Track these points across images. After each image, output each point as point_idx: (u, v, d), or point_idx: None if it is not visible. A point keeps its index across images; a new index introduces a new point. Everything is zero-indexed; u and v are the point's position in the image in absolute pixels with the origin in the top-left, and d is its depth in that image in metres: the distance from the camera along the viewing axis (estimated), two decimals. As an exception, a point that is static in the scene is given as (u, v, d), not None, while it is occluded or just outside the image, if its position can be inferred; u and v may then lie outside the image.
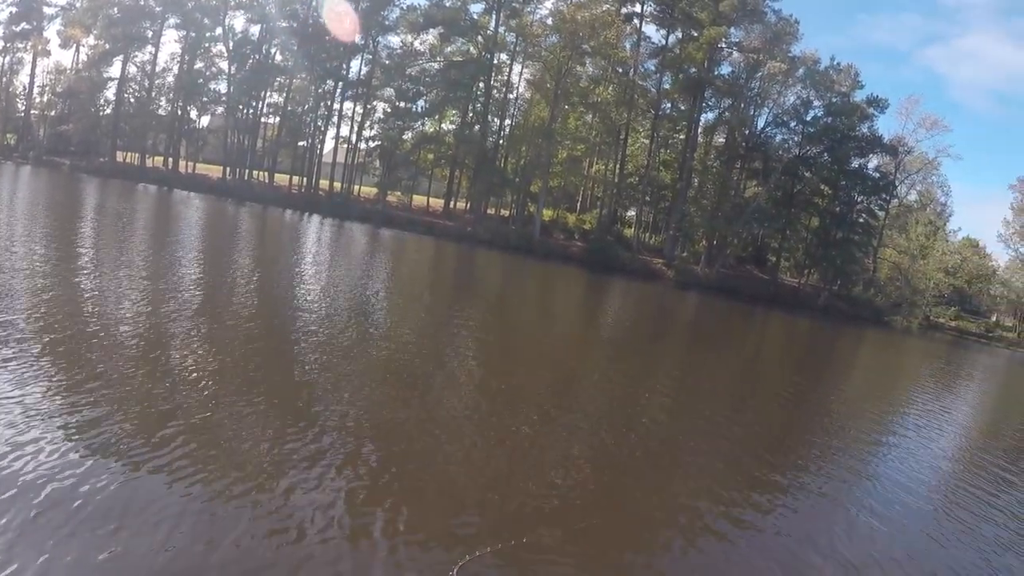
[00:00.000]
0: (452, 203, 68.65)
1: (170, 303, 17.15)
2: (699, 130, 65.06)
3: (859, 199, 63.57)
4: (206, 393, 10.77)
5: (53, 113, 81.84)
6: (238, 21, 73.59)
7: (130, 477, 7.54)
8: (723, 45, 61.76)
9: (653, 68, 65.79)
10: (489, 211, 66.18)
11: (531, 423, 12.22)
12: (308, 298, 22.01)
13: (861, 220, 62.94)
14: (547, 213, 65.48)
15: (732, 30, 61.69)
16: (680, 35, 64.36)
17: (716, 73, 63.02)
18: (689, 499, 9.97)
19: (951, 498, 12.20)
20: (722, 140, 66.14)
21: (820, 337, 42.23)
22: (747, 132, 63.91)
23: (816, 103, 62.92)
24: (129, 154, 77.02)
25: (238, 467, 8.28)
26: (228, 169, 71.84)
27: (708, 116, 65.95)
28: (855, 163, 62.74)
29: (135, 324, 14.45)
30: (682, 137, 65.22)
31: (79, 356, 11.58)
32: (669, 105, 65.27)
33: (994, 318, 70.17)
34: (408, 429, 10.81)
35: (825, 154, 62.06)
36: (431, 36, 67.75)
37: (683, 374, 20.93)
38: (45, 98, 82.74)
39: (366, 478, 8.69)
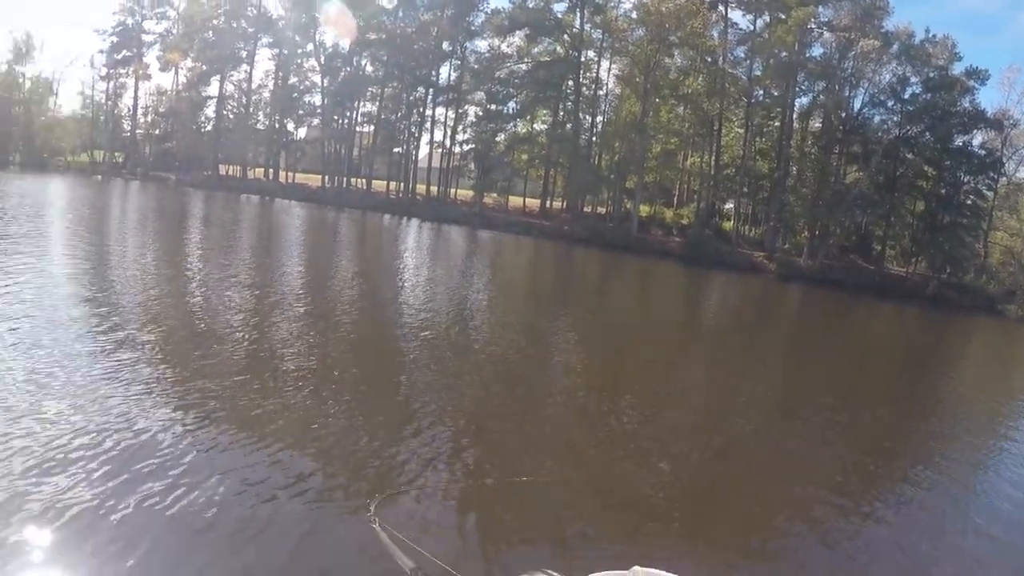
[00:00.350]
0: (548, 203, 70.01)
1: (276, 304, 18.79)
2: (794, 116, 63.84)
3: (965, 179, 61.20)
4: (310, 389, 11.51)
5: (157, 132, 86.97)
6: (328, 36, 76.68)
7: (237, 472, 8.05)
8: (813, 26, 60.34)
9: (743, 55, 65.23)
10: (585, 209, 67.07)
11: (633, 421, 12.56)
12: (410, 299, 23.35)
13: (969, 202, 60.60)
14: (644, 209, 65.89)
15: (821, 9, 60.32)
16: (768, 19, 63.40)
17: (807, 56, 61.62)
18: (789, 502, 9.91)
19: None
20: (818, 125, 64.47)
21: (930, 328, 40.99)
22: (844, 115, 62.00)
23: (913, 79, 60.63)
24: (231, 167, 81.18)
25: (338, 463, 8.85)
26: (326, 177, 75.31)
27: (802, 101, 64.60)
28: (959, 140, 60.15)
29: (243, 324, 15.98)
30: (777, 124, 64.52)
31: (190, 353, 12.73)
32: (761, 92, 64.62)
33: None
34: (511, 427, 11.20)
35: (927, 133, 59.95)
36: (517, 38, 69.36)
37: (787, 371, 20.89)
38: (149, 118, 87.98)
39: (464, 476, 9.06)
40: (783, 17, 60.63)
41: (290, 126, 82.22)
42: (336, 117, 76.85)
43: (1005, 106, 61.51)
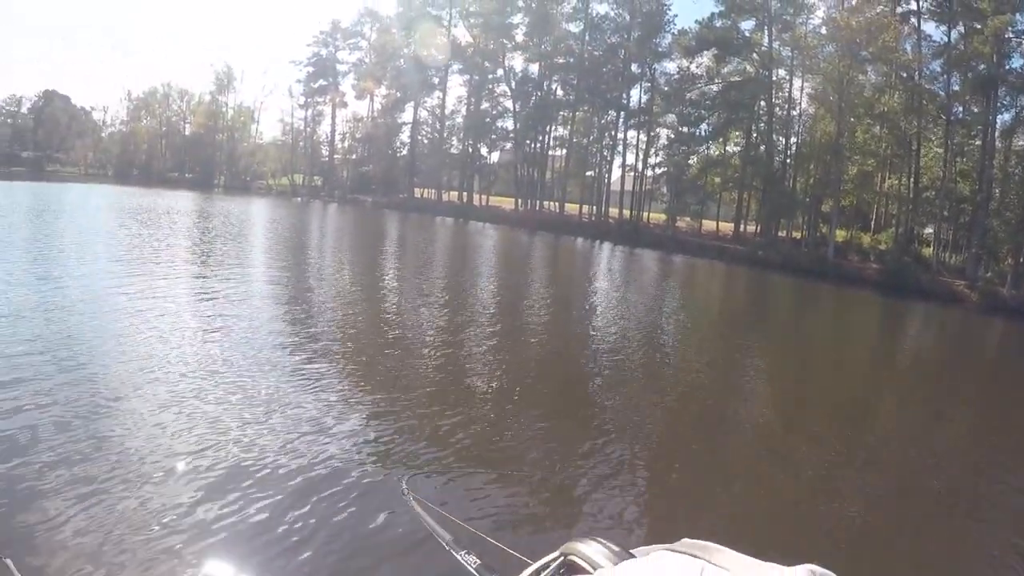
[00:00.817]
0: (742, 226, 73.02)
1: (469, 322, 20.44)
2: (996, 133, 62.97)
3: None
4: (494, 407, 12.46)
5: (354, 156, 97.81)
6: (517, 62, 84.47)
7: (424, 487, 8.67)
8: (1010, 35, 59.57)
9: (939, 69, 65.22)
10: (780, 233, 69.45)
11: (823, 459, 12.41)
12: (602, 323, 24.47)
13: None
14: (840, 234, 66.99)
15: (1018, 16, 59.31)
16: (963, 29, 63.19)
17: (1007, 67, 60.74)
18: (988, 553, 9.54)
19: None
20: (1022, 143, 63.71)
21: None
22: None
23: None
24: (426, 190, 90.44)
25: (519, 483, 9.38)
26: (519, 200, 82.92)
27: (1004, 117, 63.30)
28: None
29: (430, 340, 17.57)
30: (978, 143, 63.54)
31: (378, 366, 14.27)
32: (961, 108, 64.79)
33: None
34: (696, 460, 11.57)
35: None
36: (706, 58, 73.14)
37: (980, 414, 19.38)
38: (346, 143, 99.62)
39: (641, 509, 9.31)
40: (978, 27, 60.44)
41: (483, 150, 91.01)
42: (528, 141, 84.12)
43: None
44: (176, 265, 25.68)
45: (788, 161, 71.76)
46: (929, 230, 68.54)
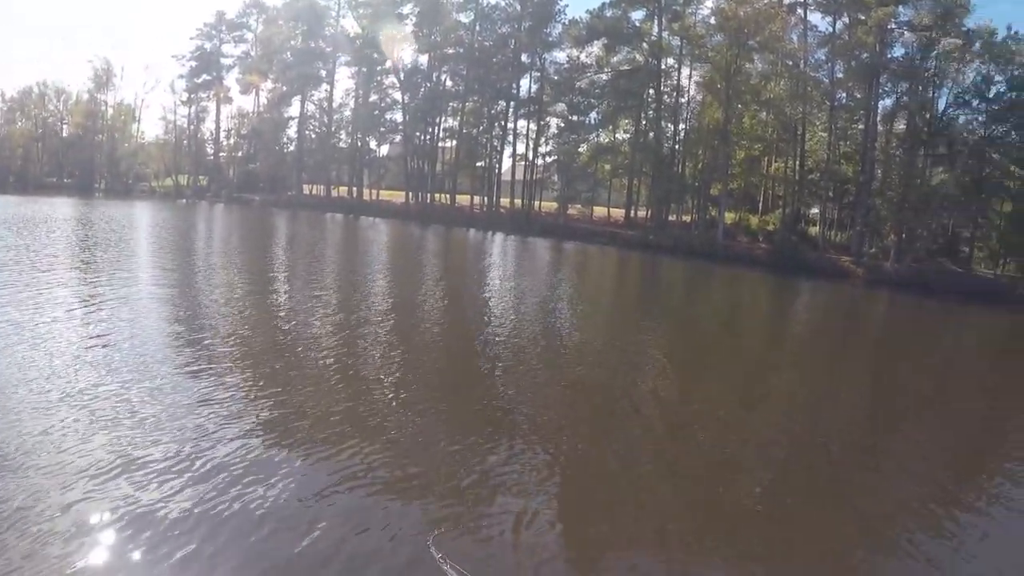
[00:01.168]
0: (632, 212, 72.97)
1: (361, 319, 20.07)
2: (878, 118, 64.87)
3: None
4: (389, 399, 12.51)
5: (240, 154, 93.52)
6: (407, 53, 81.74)
7: (311, 474, 9.19)
8: (893, 26, 61.38)
9: (823, 58, 66.50)
10: (670, 218, 69.86)
11: (720, 431, 13.03)
12: (496, 312, 24.54)
13: None
14: (729, 216, 67.48)
15: (901, 9, 61.22)
16: (847, 20, 64.66)
17: (889, 56, 62.62)
18: (883, 518, 10.03)
19: None
20: (903, 127, 65.42)
21: (1021, 334, 40.21)
22: (928, 116, 62.60)
23: (998, 78, 60.87)
24: (315, 186, 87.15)
25: (413, 469, 9.74)
26: (410, 194, 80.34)
27: (886, 103, 65.56)
28: None
29: (328, 337, 17.34)
30: (861, 127, 65.13)
31: (275, 363, 14.32)
32: (844, 95, 66.22)
33: None
34: (590, 436, 11.94)
35: (1013, 132, 60.49)
36: (596, 48, 72.55)
37: (875, 378, 21.18)
38: (232, 141, 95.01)
39: (537, 484, 9.74)
40: (863, 18, 61.95)
41: (372, 144, 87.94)
42: (418, 133, 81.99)
43: None
44: (56, 273, 24.36)
45: (677, 147, 72.08)
46: (815, 210, 70.30)
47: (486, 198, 78.16)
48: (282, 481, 9.01)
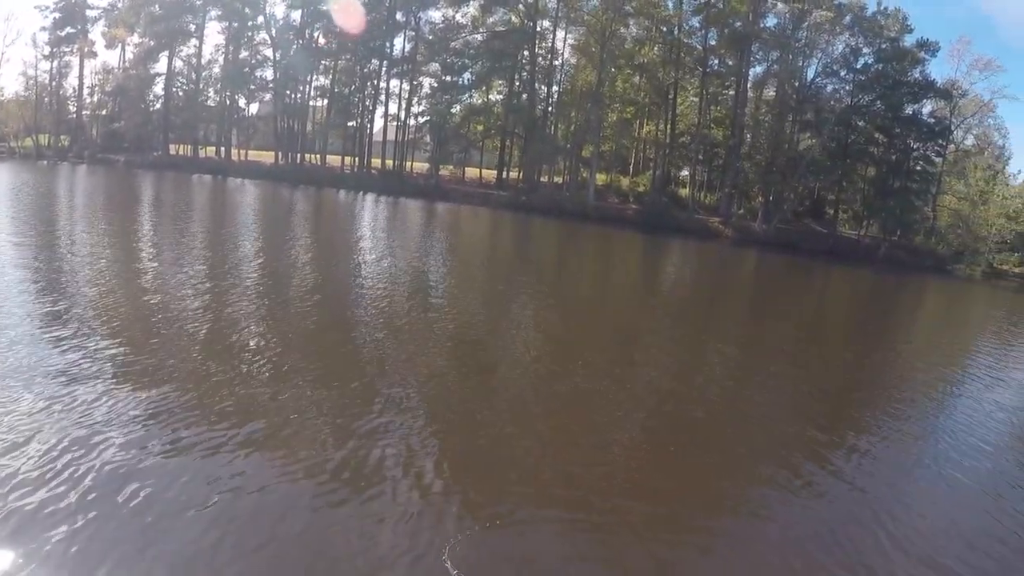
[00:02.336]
0: (505, 173, 70.09)
1: (231, 286, 18.29)
2: (748, 85, 65.28)
3: (915, 146, 63.27)
4: (268, 371, 11.26)
5: (104, 112, 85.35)
6: (279, 8, 76.40)
7: (191, 458, 7.94)
8: None
9: (698, 24, 65.76)
10: (542, 179, 67.74)
11: (593, 388, 12.55)
12: (368, 274, 22.94)
13: (918, 168, 62.82)
14: (601, 178, 66.88)
15: None
16: None
17: (762, 26, 63.04)
18: (750, 462, 10.20)
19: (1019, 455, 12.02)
20: (772, 94, 66.54)
21: (882, 289, 42.43)
22: (797, 84, 63.80)
23: (866, 50, 62.73)
24: (182, 146, 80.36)
25: (295, 443, 8.66)
26: (280, 154, 74.49)
27: (757, 70, 66.28)
28: (909, 109, 62.15)
29: (197, 307, 15.38)
30: (732, 93, 65.54)
31: (142, 340, 12.20)
32: (716, 61, 65.84)
33: None
34: (470, 398, 11.33)
35: (878, 102, 61.83)
36: (472, 8, 69.24)
37: (745, 331, 21.33)
38: (95, 98, 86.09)
39: (423, 448, 9.02)
40: None
41: (241, 102, 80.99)
42: (289, 92, 75.93)
43: (954, 77, 64.11)
44: None
45: (550, 109, 70.04)
46: (685, 172, 70.79)
47: (357, 159, 73.05)
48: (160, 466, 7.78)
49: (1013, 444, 12.66)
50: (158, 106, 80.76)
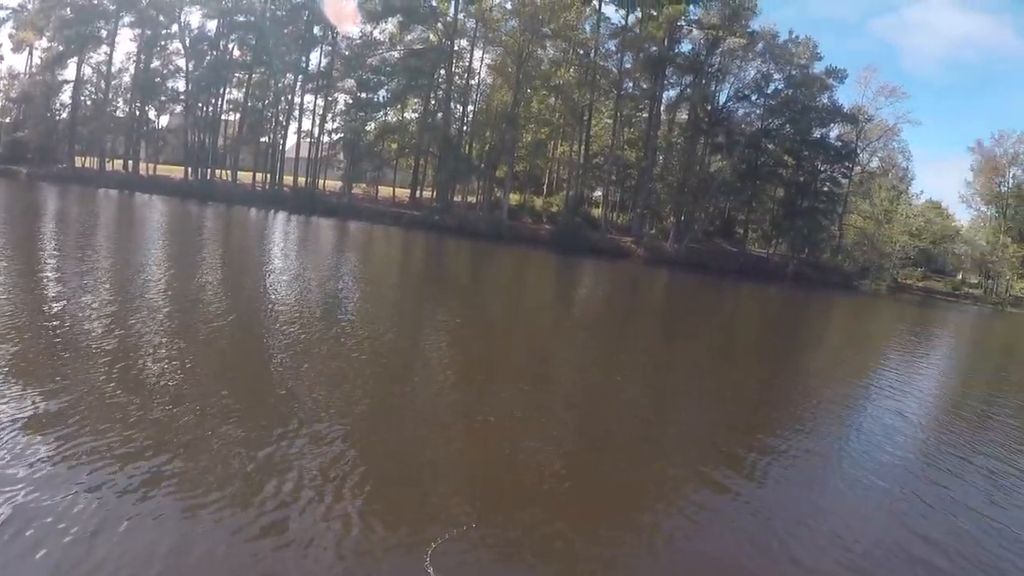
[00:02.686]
0: (418, 192, 68.97)
1: (137, 309, 16.90)
2: (662, 108, 66.27)
3: (822, 168, 65.30)
4: (176, 398, 10.63)
5: (8, 120, 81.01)
6: (194, 17, 72.51)
7: (96, 489, 7.40)
8: (682, 23, 62.59)
9: (614, 48, 66.43)
10: (456, 198, 66.55)
11: (507, 407, 12.34)
12: (278, 297, 21.92)
13: (825, 189, 64.78)
14: (514, 198, 66.14)
15: (691, 7, 62.74)
16: (640, 14, 64.84)
17: (676, 51, 64.24)
18: (665, 476, 10.24)
19: (924, 460, 12.45)
20: (685, 116, 67.23)
21: (791, 305, 43.25)
22: (709, 108, 64.95)
23: (776, 76, 64.49)
24: (88, 158, 76.39)
25: (210, 471, 8.22)
26: (189, 169, 71.22)
27: (670, 94, 67.12)
28: (817, 133, 64.45)
29: (101, 331, 14.24)
30: (645, 116, 66.30)
31: (42, 367, 11.30)
32: (631, 84, 66.45)
33: (960, 276, 72.33)
34: (385, 420, 10.99)
35: (787, 126, 63.70)
36: (390, 25, 67.54)
37: (657, 351, 21.16)
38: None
39: (342, 471, 8.72)
40: (654, 13, 62.16)
41: (151, 113, 76.86)
42: (201, 104, 72.76)
43: (861, 103, 66.95)
44: None
45: (465, 128, 69.02)
46: (598, 193, 70.00)
47: (269, 176, 70.49)
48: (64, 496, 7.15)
49: (912, 455, 12.81)
50: (65, 115, 76.92)
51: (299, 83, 71.05)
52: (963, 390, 21.63)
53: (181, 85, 73.48)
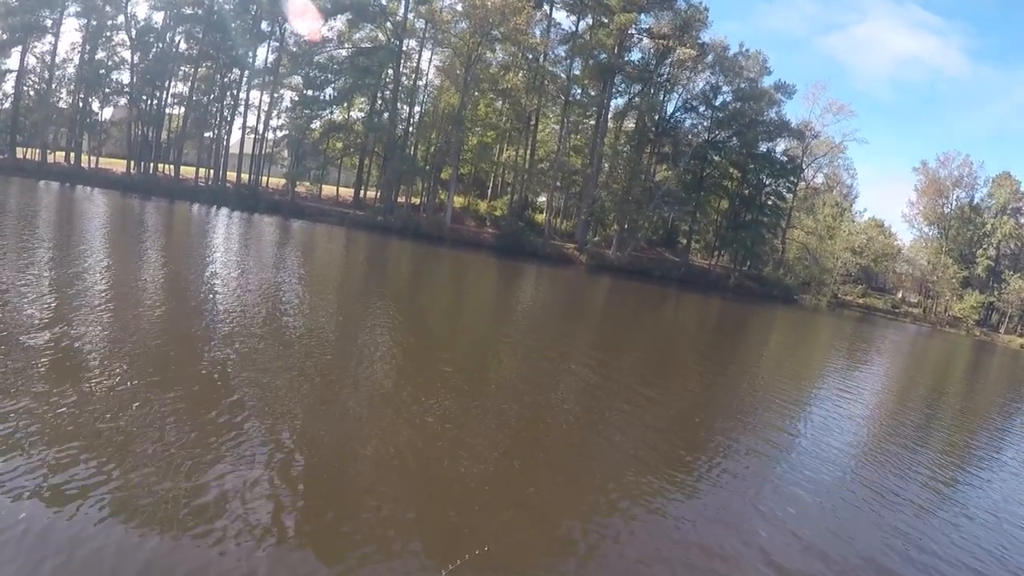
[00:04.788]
0: (362, 192, 65.32)
1: (74, 307, 15.39)
2: (609, 115, 63.61)
3: (768, 182, 63.16)
4: (116, 402, 9.68)
5: (-51, 110, 76.20)
6: (141, 8, 69.04)
7: (40, 495, 6.92)
8: (633, 31, 60.03)
9: (563, 54, 63.55)
10: (400, 199, 62.62)
11: (448, 413, 11.77)
12: (219, 296, 20.27)
13: (770, 202, 62.65)
14: (458, 200, 63.06)
15: (643, 16, 60.09)
16: (591, 21, 62.13)
17: (626, 59, 61.52)
18: (603, 484, 9.75)
19: (860, 470, 12.32)
20: (632, 125, 64.41)
21: (732, 317, 42.06)
22: (657, 117, 62.51)
23: (725, 89, 62.47)
24: (29, 150, 71.56)
25: (154, 487, 7.52)
26: (132, 163, 66.31)
27: (618, 102, 64.65)
28: (763, 147, 62.38)
29: (36, 330, 12.87)
30: (592, 123, 63.40)
31: None
32: (579, 91, 63.19)
33: (900, 295, 71.60)
34: (328, 424, 10.33)
35: (734, 138, 61.48)
36: (339, 22, 63.64)
37: (597, 358, 19.95)
38: (-61, 93, 76.76)
39: (286, 477, 8.28)
40: (605, 21, 59.76)
41: (95, 105, 71.42)
42: (145, 97, 67.75)
43: (808, 118, 65.73)
44: None
45: (411, 129, 65.26)
46: (542, 198, 67.96)
47: (212, 172, 65.65)
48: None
49: (848, 457, 13.05)
50: (7, 105, 71.72)
51: (245, 78, 66.26)
52: (898, 410, 20.64)
53: (126, 77, 67.93)
